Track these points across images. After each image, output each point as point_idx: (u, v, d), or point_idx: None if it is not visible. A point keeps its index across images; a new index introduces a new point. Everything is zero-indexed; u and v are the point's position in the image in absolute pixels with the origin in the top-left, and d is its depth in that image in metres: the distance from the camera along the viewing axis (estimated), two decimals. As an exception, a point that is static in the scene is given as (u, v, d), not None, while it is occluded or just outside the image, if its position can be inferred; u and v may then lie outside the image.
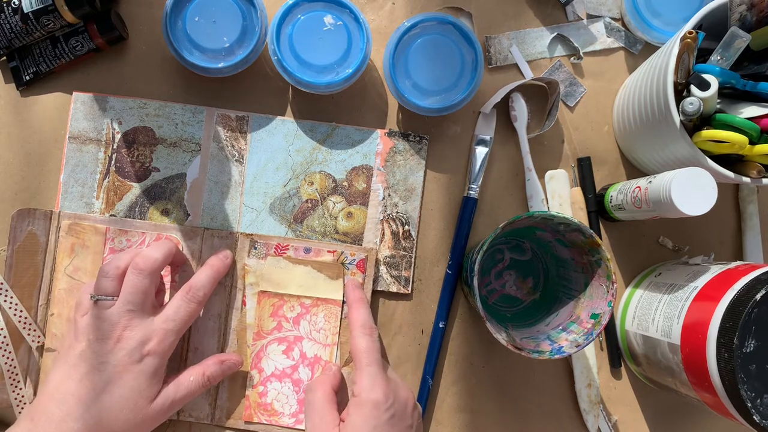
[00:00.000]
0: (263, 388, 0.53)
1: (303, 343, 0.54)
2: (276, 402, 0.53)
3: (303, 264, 0.54)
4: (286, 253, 0.54)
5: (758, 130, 0.45)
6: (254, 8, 0.52)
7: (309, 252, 0.54)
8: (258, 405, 0.53)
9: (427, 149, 0.56)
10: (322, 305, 0.54)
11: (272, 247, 0.54)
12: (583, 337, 0.46)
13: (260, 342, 0.54)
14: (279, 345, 0.54)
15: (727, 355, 0.41)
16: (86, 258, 0.53)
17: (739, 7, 0.46)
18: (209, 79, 0.56)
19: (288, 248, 0.54)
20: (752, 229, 0.56)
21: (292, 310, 0.54)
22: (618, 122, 0.56)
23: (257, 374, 0.53)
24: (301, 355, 0.54)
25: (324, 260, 0.54)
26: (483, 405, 0.55)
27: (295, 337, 0.54)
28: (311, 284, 0.54)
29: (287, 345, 0.54)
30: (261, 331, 0.54)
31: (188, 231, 0.54)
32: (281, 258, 0.54)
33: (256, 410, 0.53)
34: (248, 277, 0.54)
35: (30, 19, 0.51)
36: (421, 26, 0.52)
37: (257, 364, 0.53)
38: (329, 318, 0.54)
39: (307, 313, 0.54)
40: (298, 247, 0.54)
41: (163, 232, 0.54)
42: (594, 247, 0.46)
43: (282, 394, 0.53)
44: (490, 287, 0.56)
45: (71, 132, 0.55)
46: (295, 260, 0.54)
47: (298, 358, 0.54)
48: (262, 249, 0.54)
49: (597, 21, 0.57)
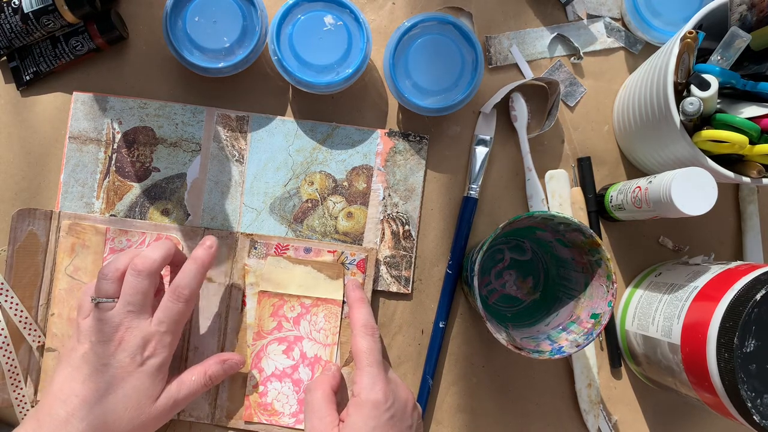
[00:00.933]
0: (263, 388, 0.53)
1: (303, 343, 0.54)
2: (276, 402, 0.53)
3: (303, 264, 0.54)
4: (286, 253, 0.54)
5: (758, 130, 0.45)
6: (254, 8, 0.52)
7: (309, 252, 0.54)
8: (258, 405, 0.53)
9: (427, 149, 0.56)
10: (323, 305, 0.54)
11: (272, 247, 0.54)
12: (583, 337, 0.46)
13: (260, 342, 0.54)
14: (279, 345, 0.54)
15: (727, 355, 0.41)
16: (87, 258, 0.53)
17: (739, 7, 0.46)
18: (209, 79, 0.56)
19: (288, 248, 0.54)
20: (752, 229, 0.56)
21: (292, 310, 0.54)
22: (618, 122, 0.56)
23: (257, 374, 0.53)
24: (301, 355, 0.54)
25: (324, 260, 0.54)
26: (483, 405, 0.55)
27: (295, 337, 0.54)
28: (311, 284, 0.54)
29: (287, 345, 0.54)
30: (261, 331, 0.54)
31: (188, 231, 0.54)
32: (281, 258, 0.54)
33: (256, 410, 0.53)
34: (248, 277, 0.54)
35: (30, 19, 0.51)
36: (421, 26, 0.52)
37: (257, 364, 0.53)
38: (329, 318, 0.54)
39: (308, 313, 0.54)
40: (299, 247, 0.54)
41: (164, 232, 0.54)
42: (594, 247, 0.46)
43: (282, 394, 0.53)
44: (490, 287, 0.56)
45: (71, 132, 0.55)
46: (296, 260, 0.54)
47: (299, 358, 0.54)
48: (262, 249, 0.54)
49: (597, 21, 0.57)
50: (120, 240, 0.54)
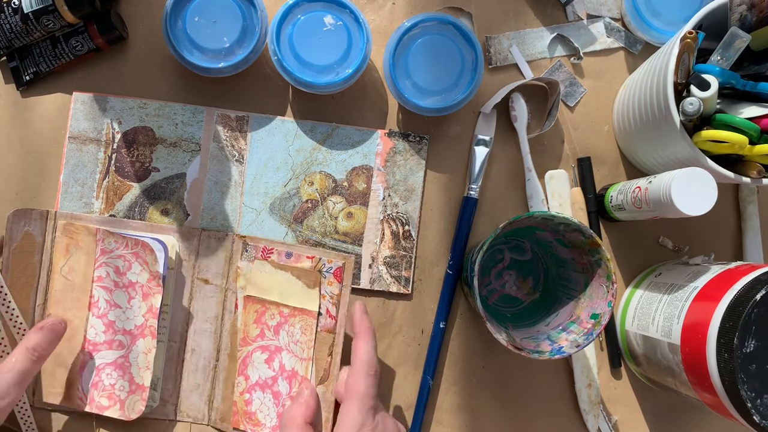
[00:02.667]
0: (249, 395, 0.52)
1: (282, 355, 0.52)
2: (259, 412, 0.52)
3: (283, 270, 0.52)
4: (270, 257, 0.52)
5: (758, 130, 0.45)
6: (254, 8, 0.52)
7: (290, 257, 0.52)
8: (244, 413, 0.52)
9: (427, 149, 0.56)
10: (299, 315, 0.52)
11: (260, 250, 0.53)
12: (583, 337, 0.46)
13: (246, 348, 0.53)
14: (262, 353, 0.52)
15: (727, 355, 0.41)
16: (80, 258, 0.53)
17: (739, 7, 0.46)
18: (209, 79, 0.56)
19: (273, 252, 0.52)
20: (752, 229, 0.56)
21: (272, 319, 0.52)
22: (618, 122, 0.56)
23: (243, 381, 0.52)
24: (280, 367, 0.52)
25: (302, 266, 0.52)
26: (483, 405, 0.55)
27: (275, 347, 0.52)
28: (290, 291, 0.52)
29: (269, 354, 0.52)
30: (247, 337, 0.53)
31: (185, 232, 0.54)
32: (266, 262, 0.52)
33: (242, 417, 0.52)
34: (239, 280, 0.53)
35: (30, 19, 0.51)
36: (421, 26, 0.52)
37: (243, 371, 0.53)
38: (305, 330, 0.51)
39: (286, 323, 0.52)
40: (281, 251, 0.52)
41: (159, 233, 0.54)
42: (594, 247, 0.46)
43: (264, 405, 0.52)
44: (490, 287, 0.56)
45: (71, 132, 0.55)
46: (278, 265, 0.52)
47: (278, 369, 0.52)
48: (252, 251, 0.53)
49: (597, 21, 0.57)
50: (109, 242, 0.52)
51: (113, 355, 0.52)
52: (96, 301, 0.53)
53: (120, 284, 0.52)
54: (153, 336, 0.52)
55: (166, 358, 0.54)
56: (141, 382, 0.52)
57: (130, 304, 0.52)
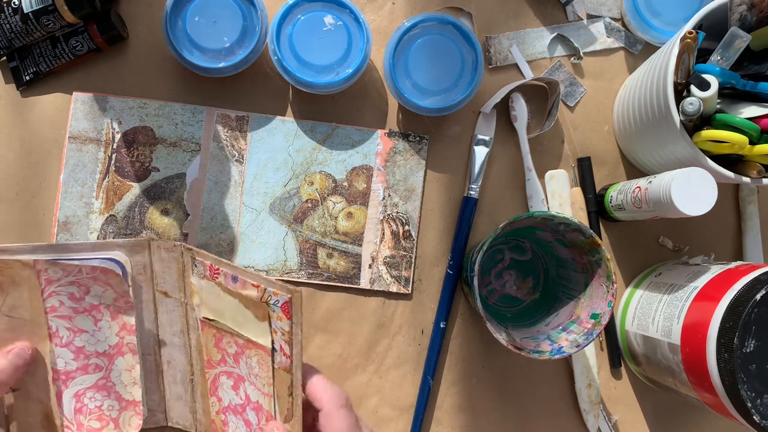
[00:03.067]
0: (224, 417, 0.51)
1: (246, 385, 0.48)
2: None
3: (232, 296, 0.47)
4: (217, 279, 0.47)
5: (758, 130, 0.45)
6: (254, 8, 0.52)
7: (236, 282, 0.46)
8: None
9: (427, 149, 0.56)
10: (254, 349, 0.46)
11: (207, 268, 0.48)
12: (583, 337, 0.46)
13: (212, 371, 0.51)
14: (228, 379, 0.50)
15: (727, 355, 0.41)
16: (21, 294, 0.49)
17: (739, 7, 0.46)
18: (209, 79, 0.56)
19: (219, 272, 0.47)
20: (752, 229, 0.56)
21: (230, 347, 0.48)
22: (618, 122, 0.56)
23: (217, 402, 0.51)
24: (246, 397, 0.49)
25: (249, 295, 0.45)
26: (483, 405, 0.55)
27: (238, 375, 0.49)
28: (242, 320, 0.46)
29: (234, 381, 0.49)
30: (211, 360, 0.50)
31: (134, 245, 0.50)
32: (215, 284, 0.48)
33: None
34: (194, 297, 0.50)
35: (30, 19, 0.51)
36: (421, 26, 0.52)
37: (215, 392, 0.51)
38: (262, 365, 0.46)
39: (243, 354, 0.48)
40: (228, 274, 0.46)
41: (104, 249, 0.50)
42: (594, 247, 0.46)
43: (239, 429, 0.50)
44: (490, 287, 0.56)
45: (71, 132, 0.55)
46: (226, 290, 0.47)
47: (245, 398, 0.49)
48: (200, 268, 0.48)
49: (597, 21, 0.57)
50: (55, 270, 0.49)
51: (92, 379, 0.51)
52: (55, 331, 0.50)
53: (80, 309, 0.50)
54: (134, 353, 0.51)
55: (144, 371, 0.52)
56: (131, 398, 0.51)
57: (97, 326, 0.51)
